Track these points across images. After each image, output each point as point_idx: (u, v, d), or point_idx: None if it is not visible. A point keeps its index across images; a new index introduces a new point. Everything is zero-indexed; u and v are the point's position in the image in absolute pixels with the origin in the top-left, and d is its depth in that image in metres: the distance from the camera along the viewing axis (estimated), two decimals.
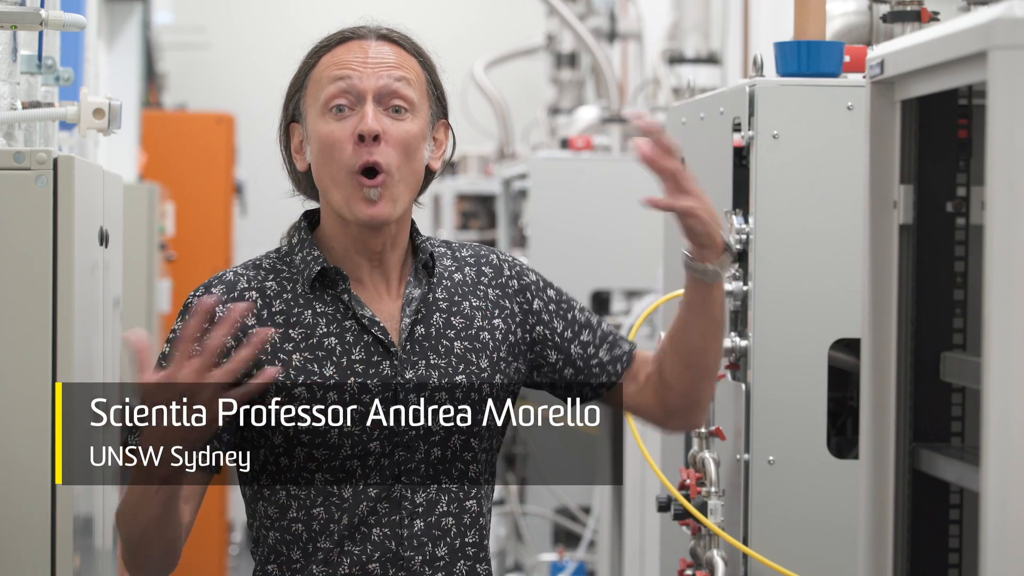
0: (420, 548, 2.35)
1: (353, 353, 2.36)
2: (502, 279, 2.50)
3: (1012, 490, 1.75)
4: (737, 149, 2.92)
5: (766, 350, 2.82)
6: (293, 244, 2.42)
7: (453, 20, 11.06)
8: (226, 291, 2.36)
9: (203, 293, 2.37)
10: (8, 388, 2.36)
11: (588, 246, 5.88)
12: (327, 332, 2.36)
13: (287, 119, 2.43)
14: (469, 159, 9.04)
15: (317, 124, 2.37)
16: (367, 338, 2.36)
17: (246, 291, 2.36)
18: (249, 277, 2.38)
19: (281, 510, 2.36)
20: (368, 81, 2.36)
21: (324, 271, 2.37)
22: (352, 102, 2.36)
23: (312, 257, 2.39)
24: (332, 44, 2.40)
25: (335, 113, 2.36)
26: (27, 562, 2.36)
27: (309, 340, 2.35)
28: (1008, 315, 1.75)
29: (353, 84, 2.36)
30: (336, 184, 2.36)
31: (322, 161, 2.36)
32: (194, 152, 8.47)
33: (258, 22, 11.19)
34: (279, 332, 2.35)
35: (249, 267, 2.41)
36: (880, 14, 3.08)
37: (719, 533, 2.82)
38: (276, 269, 2.40)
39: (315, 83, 2.39)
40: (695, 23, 6.31)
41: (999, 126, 1.76)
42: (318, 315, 2.37)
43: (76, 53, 4.04)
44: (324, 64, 2.39)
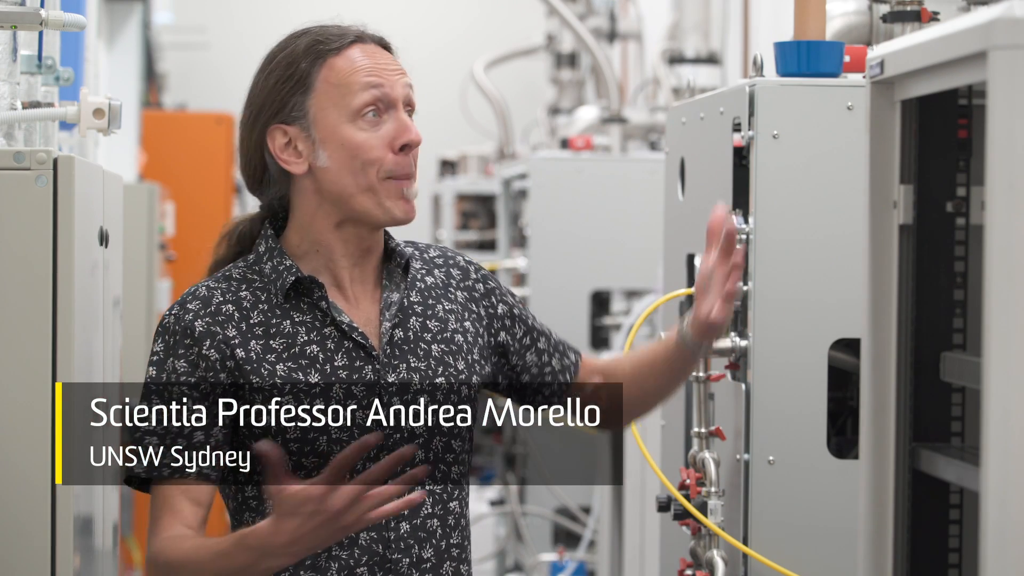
0: (407, 550, 2.35)
1: (336, 359, 2.36)
2: (469, 282, 2.51)
3: (1012, 490, 1.75)
4: (737, 149, 2.92)
5: (766, 350, 2.82)
6: (261, 253, 2.40)
7: (453, 20, 11.06)
8: (202, 306, 2.34)
9: (179, 311, 2.34)
10: (8, 388, 2.36)
11: (588, 246, 5.88)
12: (308, 340, 2.35)
13: (269, 120, 2.37)
14: (469, 159, 9.04)
15: (345, 131, 2.35)
16: (348, 344, 2.36)
17: (222, 304, 2.35)
18: (223, 290, 2.36)
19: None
20: (397, 89, 2.37)
21: (299, 280, 2.37)
22: (382, 109, 2.35)
23: (284, 267, 2.37)
24: (341, 46, 2.37)
25: (369, 119, 2.35)
26: (27, 562, 2.35)
27: (291, 349, 2.35)
28: (1008, 315, 1.75)
29: (386, 92, 2.35)
30: (367, 190, 2.35)
31: (350, 167, 2.35)
32: (194, 152, 8.48)
33: (258, 22, 11.19)
34: (260, 343, 2.34)
35: (220, 279, 2.39)
36: (880, 14, 3.08)
37: (719, 533, 2.82)
38: (247, 279, 2.39)
39: (336, 87, 2.35)
40: (695, 23, 6.31)
41: (999, 126, 1.76)
42: (297, 324, 2.36)
43: (76, 53, 4.04)
44: (343, 67, 2.36)
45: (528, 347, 2.52)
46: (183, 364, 2.32)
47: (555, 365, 2.53)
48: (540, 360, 2.52)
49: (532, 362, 2.51)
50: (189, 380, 2.34)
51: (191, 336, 2.32)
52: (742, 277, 2.44)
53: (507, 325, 2.51)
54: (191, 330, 2.32)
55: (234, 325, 2.34)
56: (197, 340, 2.32)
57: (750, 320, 2.83)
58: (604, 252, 5.88)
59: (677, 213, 3.35)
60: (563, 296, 5.77)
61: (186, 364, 2.32)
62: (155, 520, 2.32)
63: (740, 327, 2.88)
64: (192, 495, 2.32)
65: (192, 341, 2.32)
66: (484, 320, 2.49)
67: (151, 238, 6.31)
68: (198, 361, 2.32)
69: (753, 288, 2.82)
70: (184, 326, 2.33)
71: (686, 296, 3.12)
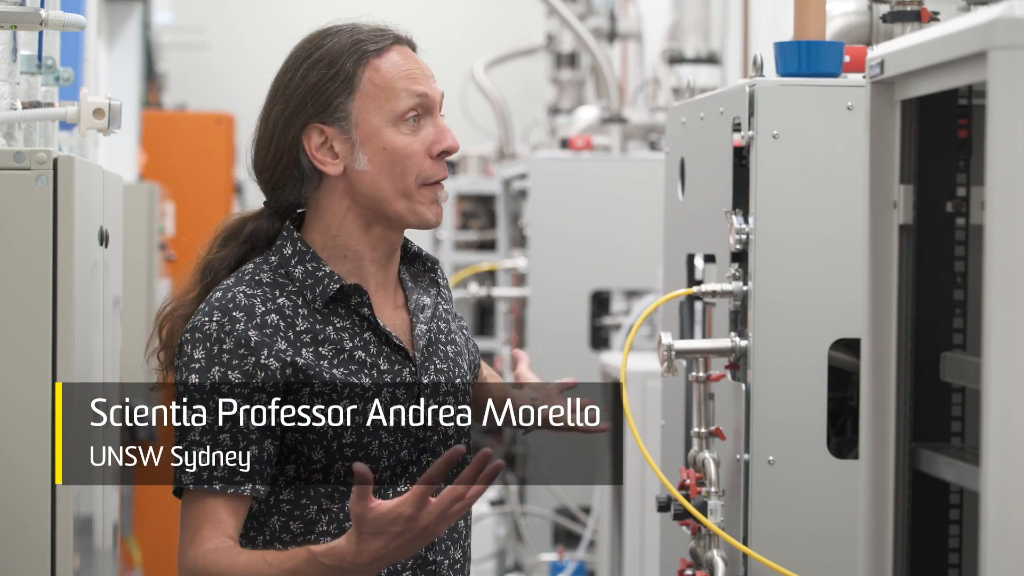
0: (445, 552, 2.37)
1: (380, 363, 2.35)
2: (442, 280, 2.54)
3: (1012, 490, 1.75)
4: (737, 149, 2.92)
5: (766, 350, 2.82)
6: (287, 255, 2.36)
7: (453, 20, 11.06)
8: (247, 316, 2.29)
9: (221, 319, 2.28)
10: (8, 388, 2.36)
11: (588, 246, 5.88)
12: (354, 345, 2.34)
13: (309, 118, 2.34)
14: (469, 159, 9.04)
15: (387, 134, 2.33)
16: (387, 348, 2.36)
17: (267, 315, 2.31)
18: (262, 297, 2.32)
19: (308, 524, 2.31)
20: (436, 93, 2.36)
21: (341, 288, 2.34)
22: (422, 114, 2.35)
23: (324, 273, 2.34)
24: (382, 48, 2.35)
25: (411, 124, 2.33)
26: (27, 562, 2.35)
27: (341, 355, 2.33)
28: (1008, 315, 1.75)
29: (428, 97, 2.35)
30: (404, 194, 2.34)
31: (389, 171, 2.33)
32: (194, 152, 8.47)
33: (258, 22, 11.19)
34: (311, 350, 2.31)
35: (252, 284, 2.33)
36: (880, 14, 3.08)
37: (719, 533, 2.82)
38: (279, 283, 2.35)
39: (380, 89, 2.33)
40: (695, 23, 6.30)
41: (999, 126, 1.76)
42: (339, 330, 2.34)
43: (76, 53, 4.04)
44: (387, 71, 2.34)
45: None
46: (237, 375, 2.26)
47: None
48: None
49: None
50: (243, 391, 2.26)
51: (246, 346, 2.27)
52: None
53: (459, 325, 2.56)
54: (245, 339, 2.27)
55: (282, 335, 2.30)
56: (253, 350, 2.27)
57: (750, 320, 2.83)
58: (604, 252, 5.88)
59: (677, 213, 3.35)
60: (563, 296, 5.77)
61: (240, 375, 2.26)
62: (193, 530, 2.24)
63: (740, 327, 2.88)
64: (235, 505, 2.26)
65: (248, 351, 2.26)
66: (456, 319, 2.54)
67: (151, 238, 6.31)
68: (254, 371, 2.27)
69: (753, 288, 2.82)
70: (237, 336, 2.27)
71: (686, 296, 3.12)
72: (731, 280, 2.86)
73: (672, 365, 2.88)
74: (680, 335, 3.25)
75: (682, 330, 3.26)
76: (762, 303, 2.82)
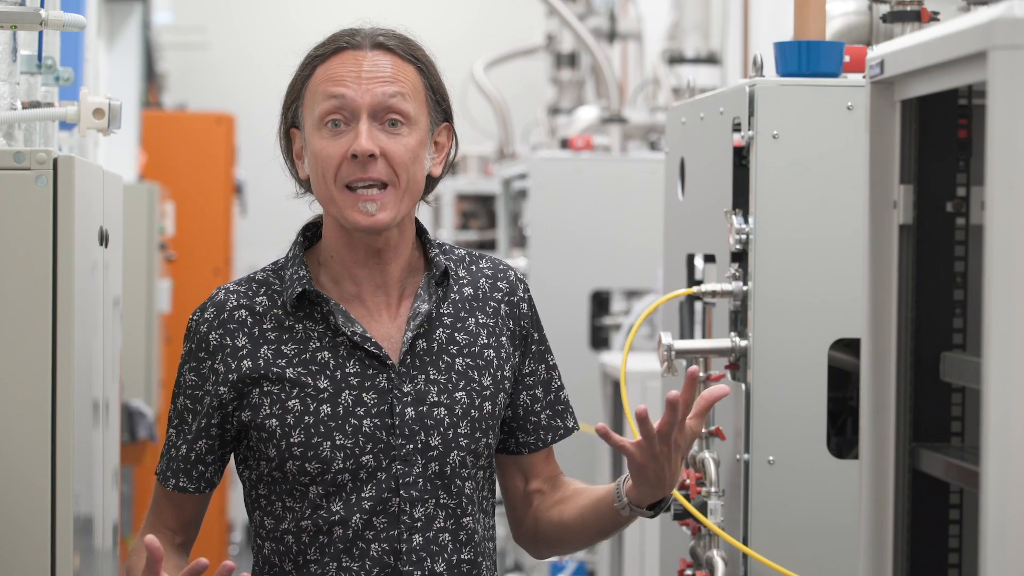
0: (419, 563, 2.34)
1: (347, 366, 2.35)
2: (515, 298, 2.48)
3: (1012, 490, 1.75)
4: (737, 149, 2.92)
5: (766, 350, 2.82)
6: (288, 257, 2.42)
7: (453, 20, 11.06)
8: (217, 313, 2.38)
9: (199, 316, 2.39)
10: (8, 388, 2.36)
11: (588, 246, 5.88)
12: (320, 346, 2.36)
13: (287, 125, 2.41)
14: (469, 159, 9.04)
15: (312, 138, 2.35)
16: (360, 353, 2.36)
17: (236, 311, 2.38)
18: (240, 294, 2.39)
19: (276, 521, 2.37)
20: (363, 97, 2.32)
21: (304, 292, 2.37)
22: (347, 118, 2.32)
23: (298, 277, 2.37)
24: (327, 54, 2.36)
25: (330, 128, 2.33)
26: (27, 562, 2.35)
27: (302, 355, 2.35)
28: (1008, 315, 1.75)
29: (347, 101, 2.32)
30: (330, 199, 2.34)
31: (317, 175, 2.35)
32: (194, 152, 8.47)
33: (258, 22, 11.18)
34: (271, 348, 2.36)
35: (243, 282, 2.42)
36: (880, 14, 3.08)
37: (719, 533, 2.82)
38: (268, 282, 2.41)
39: (311, 95, 2.36)
40: (695, 23, 6.30)
41: (999, 126, 1.76)
42: (309, 330, 2.37)
43: (76, 53, 4.03)
44: (319, 76, 2.35)
45: (531, 387, 2.48)
46: (192, 377, 2.38)
47: (542, 420, 2.49)
48: (531, 407, 2.48)
49: (522, 403, 2.48)
50: (195, 393, 2.38)
51: (205, 349, 2.37)
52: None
53: (532, 354, 2.49)
54: (206, 342, 2.37)
55: (246, 332, 2.36)
56: (211, 353, 2.37)
57: (750, 320, 2.83)
58: (604, 252, 5.88)
59: (677, 213, 3.35)
60: (563, 296, 5.77)
61: (195, 377, 2.38)
62: (149, 510, 2.47)
63: (740, 327, 2.89)
64: (174, 497, 2.42)
65: (206, 354, 2.37)
66: (517, 340, 2.47)
67: (151, 238, 6.31)
68: (208, 374, 2.36)
69: (753, 288, 2.82)
70: (200, 338, 2.38)
71: (686, 296, 3.12)
72: (731, 280, 2.86)
73: (672, 365, 2.88)
74: (680, 335, 3.25)
75: (682, 330, 3.26)
76: (762, 303, 2.82)
